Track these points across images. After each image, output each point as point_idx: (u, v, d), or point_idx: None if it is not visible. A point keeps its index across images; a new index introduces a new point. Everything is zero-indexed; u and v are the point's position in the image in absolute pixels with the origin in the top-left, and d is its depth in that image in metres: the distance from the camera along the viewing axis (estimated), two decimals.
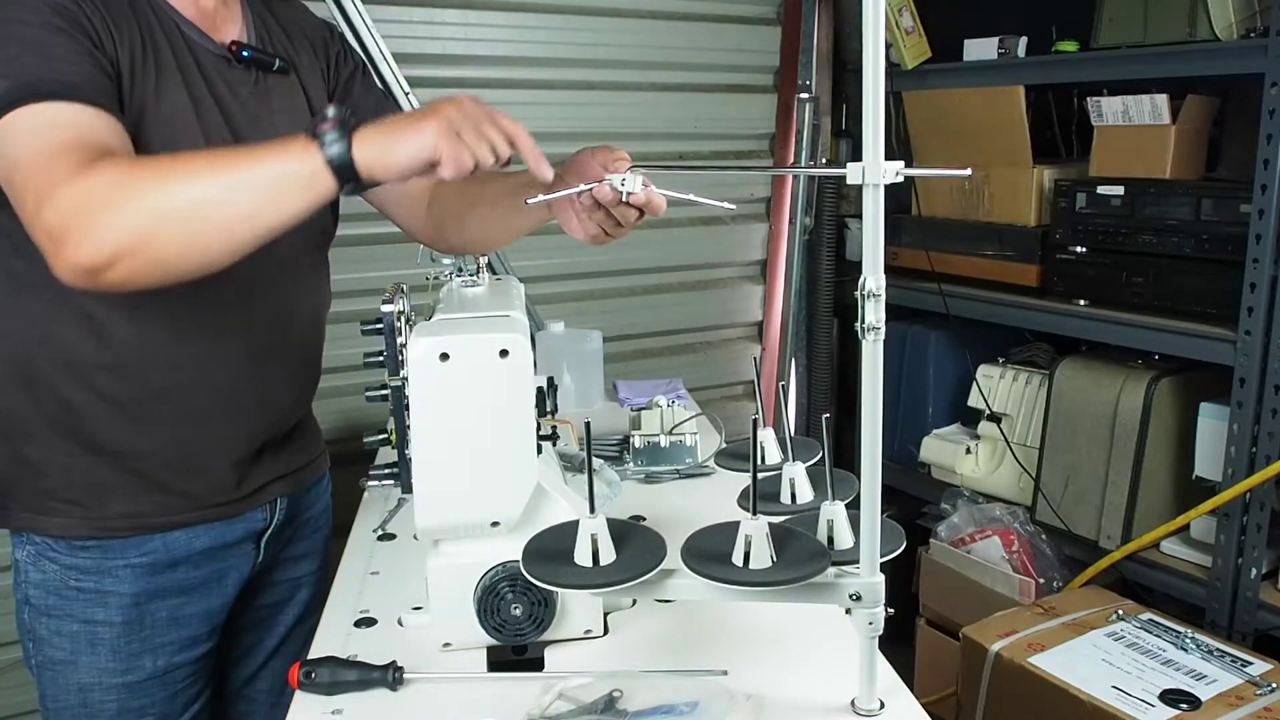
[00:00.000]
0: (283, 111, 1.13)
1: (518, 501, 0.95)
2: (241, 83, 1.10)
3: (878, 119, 0.71)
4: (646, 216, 1.06)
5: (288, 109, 1.14)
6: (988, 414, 2.22)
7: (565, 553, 0.83)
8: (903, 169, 0.72)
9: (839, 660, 0.94)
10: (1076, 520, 2.02)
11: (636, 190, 0.98)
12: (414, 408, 0.92)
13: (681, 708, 0.85)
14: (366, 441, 1.13)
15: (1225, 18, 1.73)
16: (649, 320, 2.46)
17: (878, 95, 0.70)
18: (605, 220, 1.04)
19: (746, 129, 2.51)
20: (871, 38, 0.69)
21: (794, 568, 0.80)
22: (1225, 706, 1.42)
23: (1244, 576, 1.76)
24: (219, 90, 1.07)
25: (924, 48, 2.30)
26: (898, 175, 0.72)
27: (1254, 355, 1.69)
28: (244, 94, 1.10)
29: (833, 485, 0.88)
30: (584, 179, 1.01)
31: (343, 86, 1.25)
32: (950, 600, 2.13)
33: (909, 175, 0.74)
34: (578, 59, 2.24)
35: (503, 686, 0.94)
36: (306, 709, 0.91)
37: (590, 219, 1.05)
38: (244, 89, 1.10)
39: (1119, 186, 1.96)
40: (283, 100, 1.14)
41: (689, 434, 1.51)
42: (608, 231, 1.06)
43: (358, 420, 1.98)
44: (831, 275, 2.61)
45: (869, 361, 0.76)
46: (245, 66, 1.10)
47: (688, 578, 0.81)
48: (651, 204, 1.00)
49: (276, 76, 1.14)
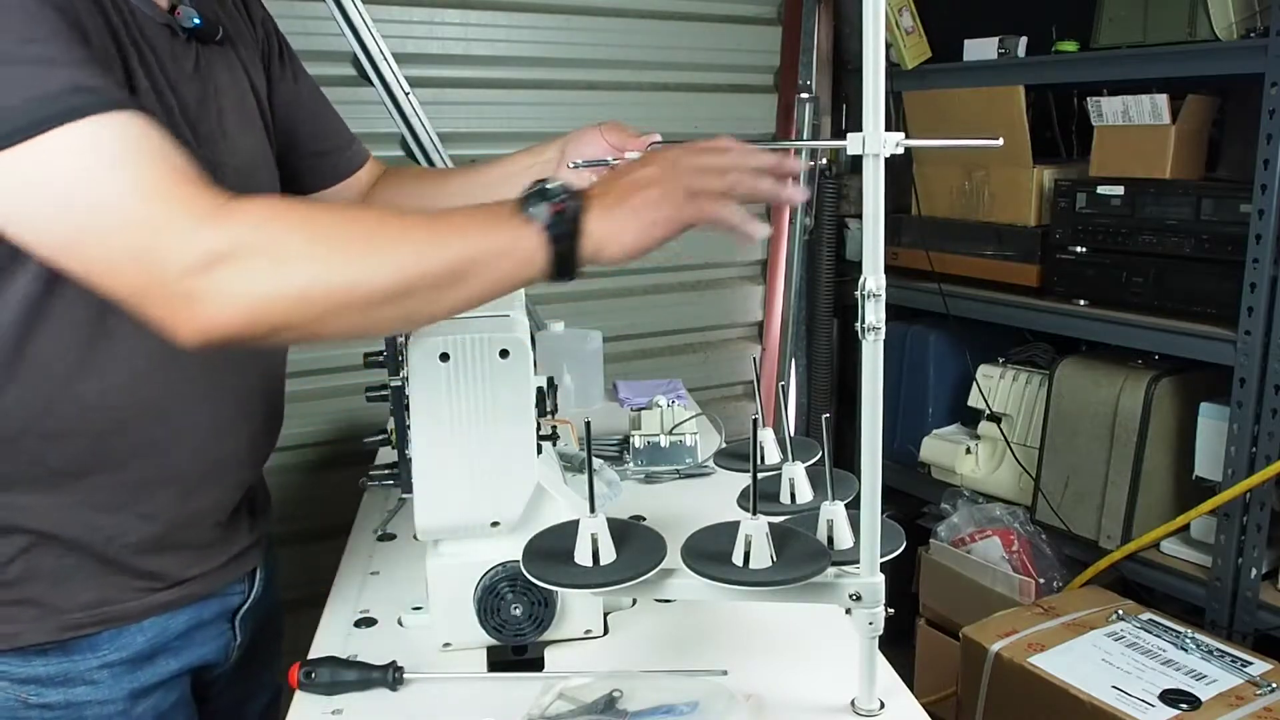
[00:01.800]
0: (226, 92, 0.96)
1: (518, 501, 0.95)
2: (183, 56, 0.90)
3: (878, 89, 0.70)
4: None
5: (230, 88, 0.97)
6: (988, 414, 2.22)
7: (565, 552, 0.83)
8: (903, 140, 0.72)
9: (839, 660, 0.93)
10: (1076, 520, 2.02)
11: None
12: (414, 408, 0.92)
13: (681, 708, 0.85)
14: (366, 441, 1.13)
15: (1225, 18, 1.73)
16: (649, 320, 2.46)
17: (878, 68, 0.70)
18: None
19: (746, 129, 2.50)
20: (871, 36, 0.69)
21: (794, 568, 0.80)
22: (1225, 706, 1.42)
23: (1244, 576, 1.76)
24: (167, 69, 0.87)
25: (924, 48, 2.30)
26: (898, 146, 0.72)
27: (1254, 355, 1.69)
28: (187, 70, 0.90)
29: (833, 485, 0.88)
30: (588, 156, 1.00)
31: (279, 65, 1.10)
32: (950, 600, 2.13)
33: (909, 146, 0.74)
34: (578, 59, 2.24)
35: (503, 686, 0.94)
36: (306, 709, 0.91)
37: None
38: (186, 64, 0.90)
39: (1119, 186, 1.96)
40: (224, 79, 0.96)
41: (689, 434, 1.50)
42: None
43: (358, 420, 1.98)
44: (831, 275, 2.61)
45: (869, 361, 0.76)
46: (186, 38, 0.91)
47: (688, 577, 0.81)
48: None
49: (214, 48, 0.95)
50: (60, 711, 0.88)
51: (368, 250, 0.72)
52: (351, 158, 1.20)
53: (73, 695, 0.89)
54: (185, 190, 0.69)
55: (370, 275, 0.71)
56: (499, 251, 0.74)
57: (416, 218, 0.76)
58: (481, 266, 0.74)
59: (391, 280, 0.71)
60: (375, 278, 0.71)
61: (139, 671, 0.93)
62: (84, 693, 0.89)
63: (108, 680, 0.90)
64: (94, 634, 0.89)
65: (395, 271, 0.71)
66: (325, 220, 0.73)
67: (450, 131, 2.09)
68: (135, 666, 0.92)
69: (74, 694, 0.89)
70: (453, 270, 0.73)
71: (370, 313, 0.72)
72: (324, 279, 0.70)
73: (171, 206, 0.69)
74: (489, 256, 0.74)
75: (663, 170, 0.78)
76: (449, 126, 2.10)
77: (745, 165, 0.80)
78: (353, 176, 1.20)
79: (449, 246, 0.73)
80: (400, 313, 0.74)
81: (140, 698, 0.93)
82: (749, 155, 0.81)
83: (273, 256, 0.69)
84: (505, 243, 0.74)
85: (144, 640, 0.92)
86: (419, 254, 0.72)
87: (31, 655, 0.87)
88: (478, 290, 0.74)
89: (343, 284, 0.71)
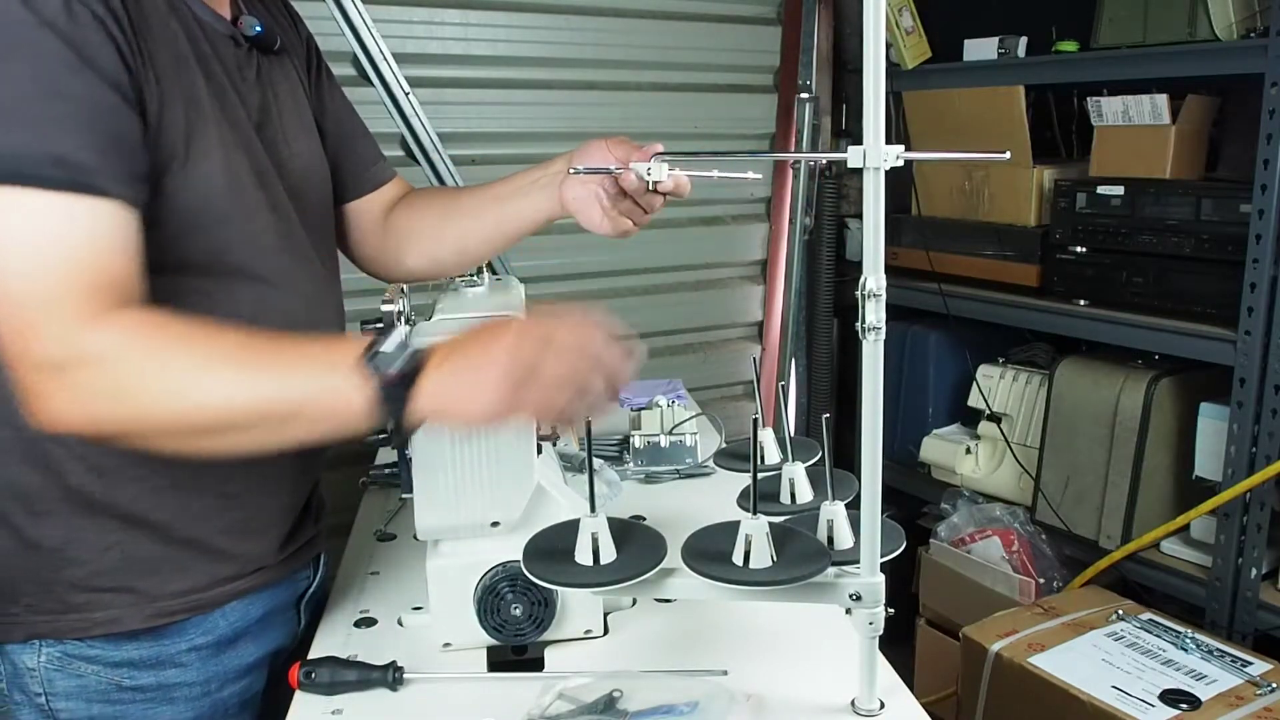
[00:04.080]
0: (286, 98, 1.02)
1: (518, 501, 0.95)
2: (246, 65, 0.97)
3: (878, 102, 0.70)
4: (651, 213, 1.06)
5: (289, 96, 1.03)
6: (988, 414, 2.22)
7: (566, 552, 0.83)
8: (903, 153, 0.72)
9: (839, 660, 0.94)
10: (1076, 520, 2.02)
11: (663, 178, 0.98)
12: None
13: (681, 708, 0.85)
14: (366, 442, 1.13)
15: (1225, 18, 1.73)
16: (649, 320, 2.46)
17: (878, 79, 0.70)
18: (632, 210, 1.04)
19: (746, 129, 2.51)
20: (871, 37, 0.69)
21: (794, 567, 0.80)
22: (1225, 706, 1.42)
23: (1244, 576, 1.76)
24: (233, 78, 0.94)
25: (924, 48, 2.30)
26: (898, 159, 0.72)
27: (1254, 355, 1.69)
28: (250, 79, 0.97)
29: (833, 485, 0.88)
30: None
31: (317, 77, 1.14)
32: (950, 600, 2.13)
33: (909, 159, 0.74)
34: (578, 59, 2.24)
35: (503, 686, 0.94)
36: (306, 709, 0.91)
37: (617, 210, 1.04)
38: (249, 73, 0.97)
39: (1119, 186, 1.96)
40: (282, 86, 1.03)
41: (689, 434, 1.51)
42: (635, 221, 1.05)
43: None
44: (831, 275, 2.61)
45: (869, 361, 0.76)
46: (247, 48, 0.97)
47: (688, 577, 0.81)
48: (679, 187, 0.99)
49: (273, 57, 1.02)
50: (153, 693, 0.94)
51: (208, 388, 0.76)
52: (375, 174, 1.21)
53: (163, 678, 0.94)
54: (86, 294, 0.75)
55: (201, 412, 0.76)
56: (329, 409, 0.77)
57: (265, 356, 0.78)
58: (311, 416, 0.77)
59: (220, 419, 0.76)
60: (205, 414, 0.76)
61: (223, 655, 0.97)
62: (174, 675, 0.94)
63: (195, 663, 0.95)
64: (184, 620, 0.93)
65: (225, 411, 0.76)
66: (180, 353, 0.77)
67: (450, 131, 2.09)
68: (220, 650, 0.97)
69: (164, 676, 0.94)
70: (282, 415, 0.77)
71: (199, 441, 0.78)
72: (157, 411, 0.76)
73: (64, 306, 0.74)
74: (318, 411, 0.77)
75: (510, 356, 0.75)
76: (449, 126, 2.10)
77: (593, 375, 0.77)
78: (375, 193, 1.21)
79: (285, 393, 0.76)
80: (228, 444, 0.78)
81: (227, 683, 0.98)
82: (600, 363, 0.77)
83: (118, 381, 0.75)
84: (338, 401, 0.76)
85: (226, 625, 0.97)
86: (254, 396, 0.76)
87: (124, 640, 0.91)
88: (304, 434, 0.78)
89: (173, 418, 0.76)
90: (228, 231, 0.90)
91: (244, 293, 0.92)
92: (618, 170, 1.00)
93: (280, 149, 0.99)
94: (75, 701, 0.91)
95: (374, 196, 1.21)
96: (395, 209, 1.22)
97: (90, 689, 0.91)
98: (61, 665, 0.90)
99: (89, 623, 0.90)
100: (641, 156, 1.00)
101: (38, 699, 0.91)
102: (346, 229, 1.21)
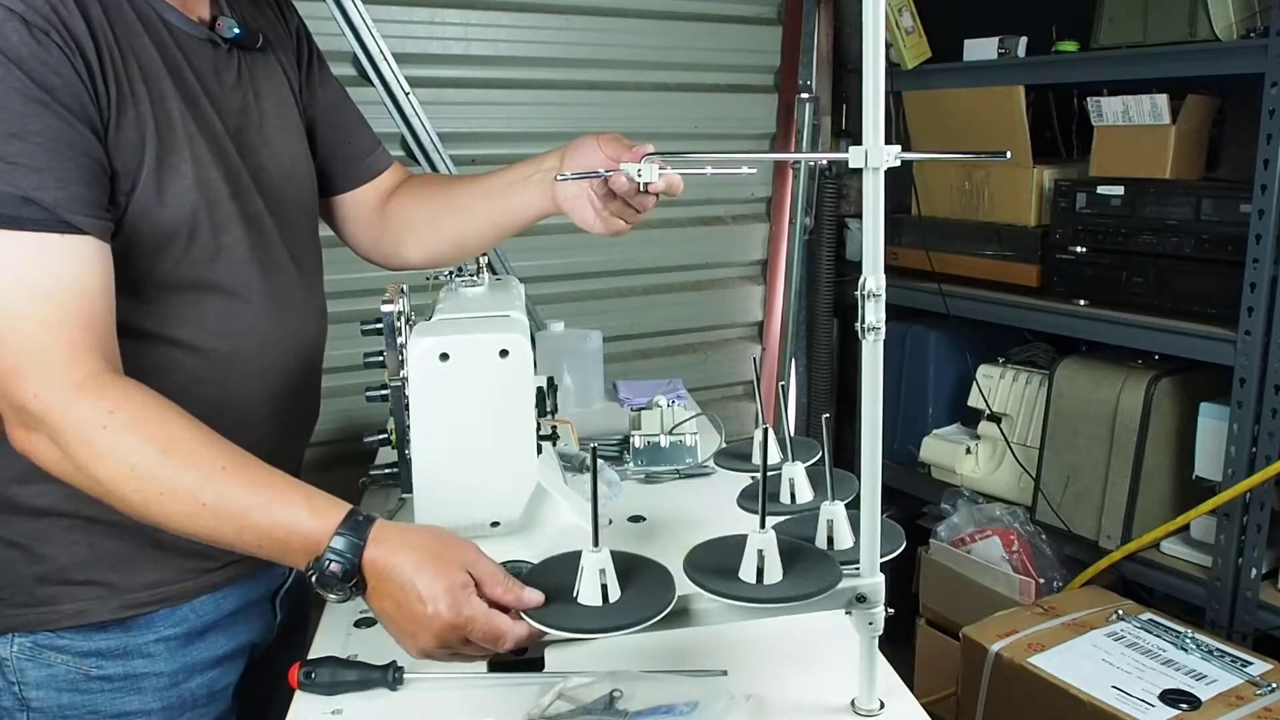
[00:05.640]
0: (269, 97, 1.02)
1: (518, 501, 0.95)
2: (225, 68, 0.96)
3: (878, 102, 0.70)
4: (644, 213, 1.06)
5: (272, 95, 1.03)
6: (988, 414, 2.22)
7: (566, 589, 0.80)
8: (903, 153, 0.72)
9: (839, 660, 0.93)
10: (1076, 520, 2.02)
11: (654, 179, 0.98)
12: (414, 408, 0.92)
13: (681, 708, 0.85)
14: (366, 441, 1.13)
15: (1225, 18, 1.73)
16: (649, 320, 2.46)
17: (878, 79, 0.70)
18: (624, 210, 1.04)
19: (746, 129, 2.51)
20: (871, 37, 0.69)
21: (808, 580, 0.78)
22: (1225, 706, 1.42)
23: (1244, 576, 1.76)
24: (208, 83, 0.93)
25: (924, 48, 2.30)
26: (898, 159, 0.72)
27: (1254, 355, 1.69)
28: (230, 81, 0.96)
29: (833, 485, 0.88)
30: (585, 165, 1.01)
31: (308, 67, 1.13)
32: (950, 600, 2.13)
33: (909, 159, 0.75)
34: (578, 59, 2.24)
35: (503, 686, 0.94)
36: (306, 709, 0.91)
37: (608, 210, 1.04)
38: (229, 75, 0.96)
39: (1119, 186, 1.96)
40: (266, 85, 1.02)
41: (689, 434, 1.51)
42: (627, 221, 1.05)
43: (358, 420, 1.98)
44: (831, 275, 2.61)
45: (869, 361, 0.76)
46: (227, 48, 0.96)
47: (709, 602, 0.79)
48: (671, 186, 0.99)
49: (256, 55, 1.00)
50: (120, 683, 0.95)
51: (169, 511, 0.78)
52: (373, 163, 1.21)
53: (131, 668, 0.95)
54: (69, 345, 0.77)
55: (156, 519, 0.79)
56: (276, 556, 0.80)
57: (231, 499, 0.79)
58: (257, 554, 0.80)
59: (173, 528, 0.79)
60: (159, 522, 0.79)
61: (191, 646, 0.99)
62: (141, 665, 0.96)
63: (163, 654, 0.97)
64: (152, 612, 0.95)
65: (177, 528, 0.79)
66: (152, 464, 0.78)
67: (450, 131, 2.10)
68: (188, 642, 0.98)
69: (132, 666, 0.95)
70: (231, 545, 0.80)
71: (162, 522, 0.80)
72: (115, 498, 0.79)
73: (50, 359, 0.76)
74: (264, 554, 0.80)
75: (419, 629, 0.79)
76: (449, 126, 2.10)
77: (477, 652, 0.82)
78: (372, 182, 1.21)
79: (240, 538, 0.79)
80: (184, 530, 0.80)
81: (195, 673, 0.99)
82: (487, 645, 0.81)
83: (89, 465, 0.77)
84: (284, 558, 0.80)
85: (196, 618, 0.99)
86: (209, 532, 0.79)
87: (93, 631, 0.93)
88: (252, 551, 0.81)
89: (128, 509, 0.79)
90: (195, 250, 0.90)
91: (212, 306, 0.93)
92: (607, 174, 1.00)
93: (260, 153, 0.99)
94: (46, 691, 0.93)
95: (371, 186, 1.21)
96: (393, 198, 1.21)
97: (60, 678, 0.93)
98: (32, 655, 0.93)
99: (58, 615, 0.92)
100: (632, 156, 1.00)
101: (13, 688, 0.94)
102: (344, 219, 1.21)
